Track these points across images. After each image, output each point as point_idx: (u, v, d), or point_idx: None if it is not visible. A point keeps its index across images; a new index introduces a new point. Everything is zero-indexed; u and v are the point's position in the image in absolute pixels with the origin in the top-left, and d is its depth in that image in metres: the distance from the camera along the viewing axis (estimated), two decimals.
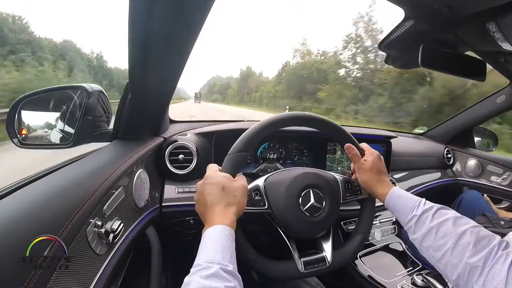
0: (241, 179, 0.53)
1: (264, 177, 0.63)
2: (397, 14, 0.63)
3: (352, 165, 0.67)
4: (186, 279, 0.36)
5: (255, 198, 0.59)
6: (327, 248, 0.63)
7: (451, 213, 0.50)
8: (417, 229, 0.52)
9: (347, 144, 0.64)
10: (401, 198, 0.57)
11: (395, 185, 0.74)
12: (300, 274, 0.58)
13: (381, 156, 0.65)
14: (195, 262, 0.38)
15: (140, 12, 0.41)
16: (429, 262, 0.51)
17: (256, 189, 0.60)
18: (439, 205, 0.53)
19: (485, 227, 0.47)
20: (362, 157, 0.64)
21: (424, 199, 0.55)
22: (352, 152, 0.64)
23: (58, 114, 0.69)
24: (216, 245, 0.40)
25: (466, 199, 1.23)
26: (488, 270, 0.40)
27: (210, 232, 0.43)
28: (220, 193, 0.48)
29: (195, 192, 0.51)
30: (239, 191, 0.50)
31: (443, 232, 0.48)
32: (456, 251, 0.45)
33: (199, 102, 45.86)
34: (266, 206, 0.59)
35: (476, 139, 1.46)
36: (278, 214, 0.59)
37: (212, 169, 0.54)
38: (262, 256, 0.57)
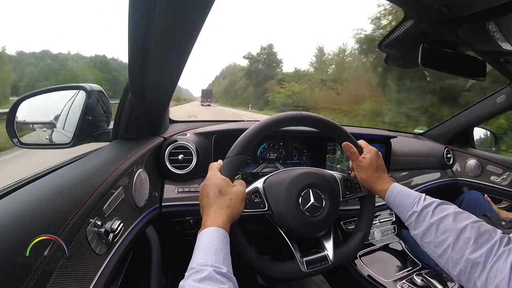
0: (239, 185, 0.53)
1: (263, 178, 0.63)
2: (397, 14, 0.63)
3: (350, 163, 0.67)
4: (181, 283, 0.37)
5: (255, 200, 0.59)
6: (329, 246, 0.63)
7: (451, 208, 0.50)
8: (418, 225, 0.52)
9: (344, 142, 0.64)
10: (401, 194, 0.57)
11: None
12: (303, 274, 0.58)
13: (379, 153, 0.65)
14: (189, 265, 0.39)
15: (140, 12, 0.41)
16: (431, 257, 0.50)
17: (256, 191, 0.60)
18: (440, 201, 0.52)
19: None
20: (360, 155, 0.64)
21: (424, 194, 0.55)
22: (350, 150, 0.64)
23: (58, 114, 0.70)
24: (208, 248, 0.41)
25: (467, 199, 1.23)
26: (491, 267, 0.40)
27: (203, 235, 0.43)
28: (215, 195, 0.49)
29: (195, 192, 0.51)
30: (236, 195, 0.50)
31: (444, 228, 0.47)
32: (457, 247, 0.45)
33: (209, 105, 31.39)
34: (266, 208, 0.59)
35: (476, 139, 1.46)
36: (278, 215, 0.59)
37: (213, 170, 0.54)
38: (264, 257, 0.57)
